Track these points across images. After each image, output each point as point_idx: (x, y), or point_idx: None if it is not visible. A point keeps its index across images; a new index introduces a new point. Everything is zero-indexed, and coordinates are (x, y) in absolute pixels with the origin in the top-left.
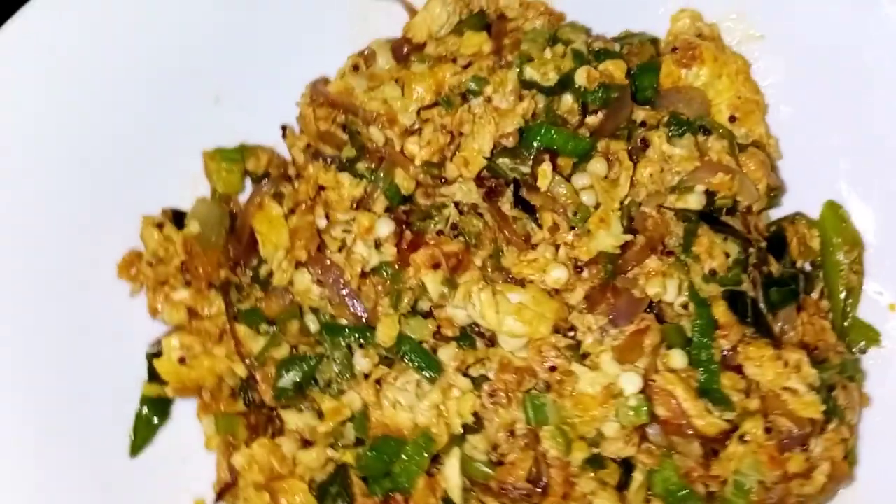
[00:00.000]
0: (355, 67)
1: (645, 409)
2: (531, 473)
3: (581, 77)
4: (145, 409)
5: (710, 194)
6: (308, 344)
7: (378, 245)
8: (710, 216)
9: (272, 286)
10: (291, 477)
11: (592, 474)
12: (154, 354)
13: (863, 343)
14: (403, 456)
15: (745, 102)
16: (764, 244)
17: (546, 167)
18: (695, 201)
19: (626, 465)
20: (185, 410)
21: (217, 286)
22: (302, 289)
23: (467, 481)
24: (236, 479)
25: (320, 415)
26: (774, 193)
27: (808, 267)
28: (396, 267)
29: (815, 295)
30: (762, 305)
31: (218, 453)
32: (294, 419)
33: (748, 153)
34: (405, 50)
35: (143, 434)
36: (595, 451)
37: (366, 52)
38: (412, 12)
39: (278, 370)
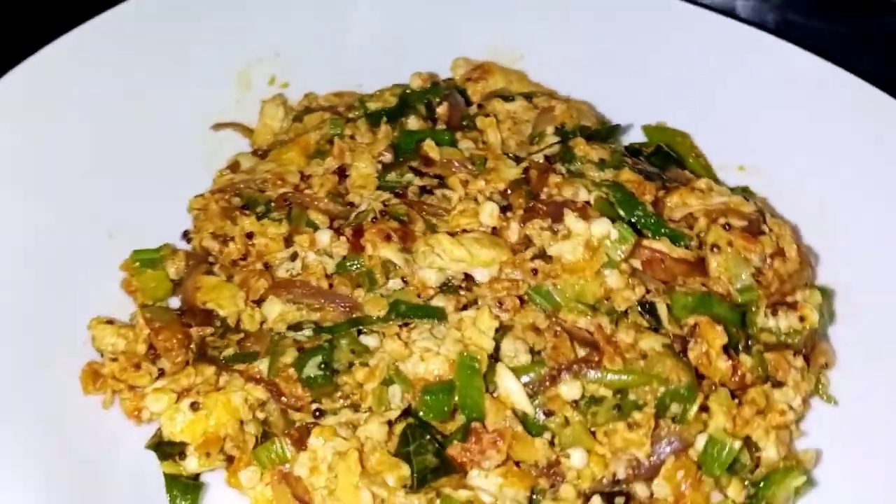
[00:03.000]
0: (224, 174)
1: (628, 232)
2: (574, 347)
3: (415, 81)
4: (175, 489)
5: (560, 132)
6: (310, 341)
7: (328, 254)
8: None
9: (247, 331)
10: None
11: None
12: (157, 443)
13: None
14: (458, 384)
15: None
16: (622, 147)
17: (429, 143)
18: (552, 139)
19: (649, 311)
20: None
21: (191, 359)
22: (276, 315)
23: (529, 388)
24: (310, 503)
25: (356, 409)
26: (604, 122)
27: None
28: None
29: None
30: (652, 170)
31: (274, 491)
32: (333, 421)
33: (565, 101)
34: (261, 152)
35: None
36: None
37: (230, 164)
38: (250, 132)
39: (298, 366)
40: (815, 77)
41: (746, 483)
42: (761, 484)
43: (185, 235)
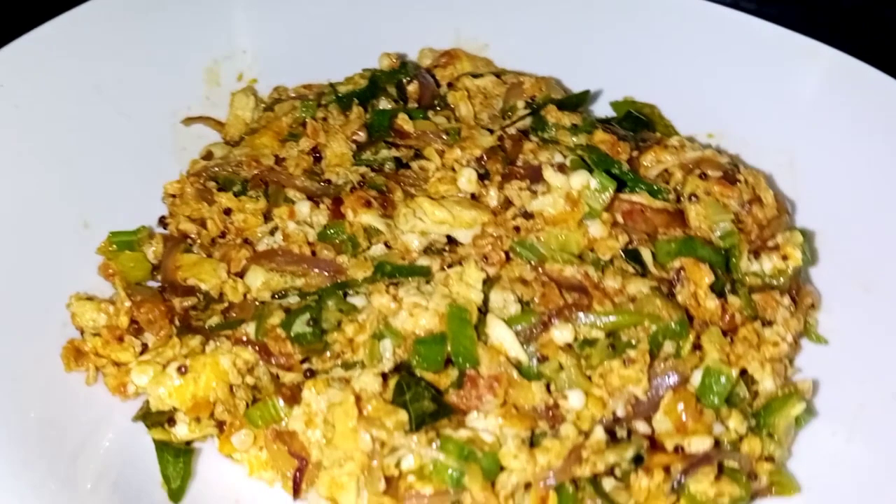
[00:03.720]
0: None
1: (607, 180)
2: (563, 294)
3: (384, 61)
4: (167, 454)
5: (531, 105)
6: (296, 305)
7: (308, 224)
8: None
9: (231, 302)
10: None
11: (612, 271)
12: (144, 413)
13: None
14: (450, 335)
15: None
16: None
17: (402, 115)
18: (523, 112)
19: (633, 259)
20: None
21: (174, 332)
22: (260, 284)
23: (521, 336)
24: (307, 458)
25: (347, 367)
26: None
27: None
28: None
29: None
30: (624, 132)
31: (269, 451)
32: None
33: (533, 76)
34: (233, 143)
35: (177, 471)
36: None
37: (203, 155)
38: (220, 126)
39: (286, 326)
40: (773, 42)
41: (747, 414)
42: (762, 413)
43: (162, 221)
